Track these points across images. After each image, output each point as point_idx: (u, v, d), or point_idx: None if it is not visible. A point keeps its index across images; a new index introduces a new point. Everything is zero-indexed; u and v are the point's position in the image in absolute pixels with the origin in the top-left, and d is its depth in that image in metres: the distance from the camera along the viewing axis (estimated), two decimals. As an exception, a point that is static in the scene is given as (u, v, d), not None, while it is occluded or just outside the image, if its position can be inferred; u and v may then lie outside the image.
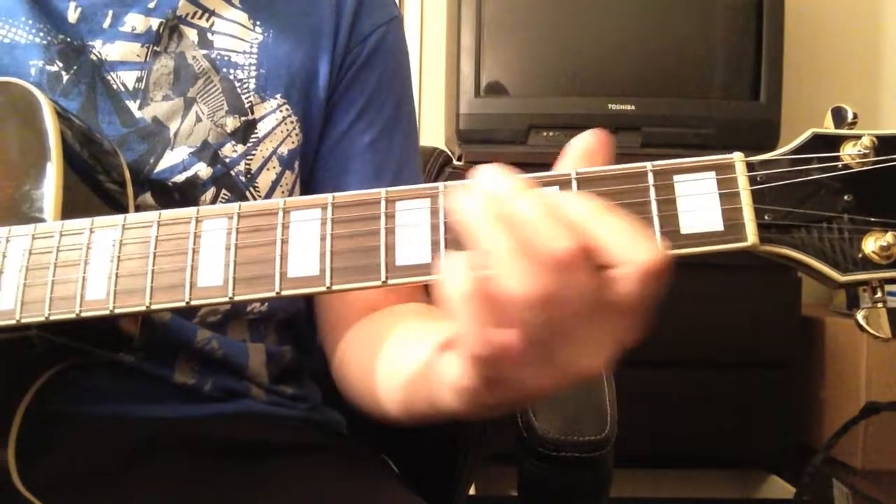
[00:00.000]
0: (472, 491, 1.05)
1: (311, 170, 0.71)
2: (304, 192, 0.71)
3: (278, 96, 0.68)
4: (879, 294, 0.37)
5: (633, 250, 0.34)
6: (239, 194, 0.66)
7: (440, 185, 0.39)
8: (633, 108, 1.84)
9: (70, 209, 0.51)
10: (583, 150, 0.38)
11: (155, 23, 0.64)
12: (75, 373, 0.54)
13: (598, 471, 0.65)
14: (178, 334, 0.64)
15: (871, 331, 0.37)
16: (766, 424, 1.82)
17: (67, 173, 0.52)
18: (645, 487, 2.03)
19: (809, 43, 2.16)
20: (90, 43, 0.63)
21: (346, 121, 0.71)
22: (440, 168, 0.91)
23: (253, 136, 0.67)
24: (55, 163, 0.51)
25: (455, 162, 0.94)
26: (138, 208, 0.62)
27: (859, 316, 0.37)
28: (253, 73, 0.67)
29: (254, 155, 0.66)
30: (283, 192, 0.68)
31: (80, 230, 0.44)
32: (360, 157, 0.70)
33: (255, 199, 0.67)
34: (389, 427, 0.78)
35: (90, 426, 0.61)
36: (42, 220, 0.49)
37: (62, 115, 0.54)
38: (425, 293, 0.68)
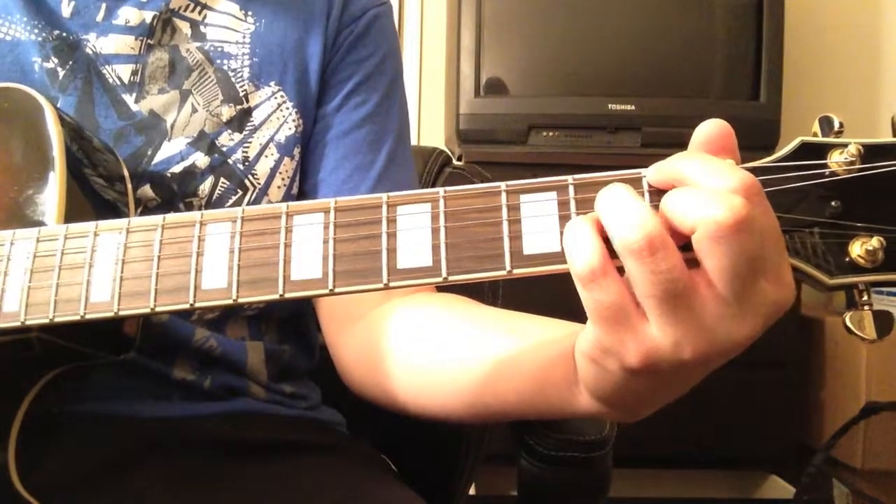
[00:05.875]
0: (472, 491, 1.05)
1: (307, 149, 0.71)
2: (301, 172, 0.71)
3: (272, 84, 0.68)
4: (866, 297, 0.38)
5: (701, 210, 0.34)
6: (237, 182, 0.66)
7: (440, 190, 0.40)
8: (633, 108, 1.85)
9: (73, 212, 0.51)
10: (704, 139, 0.38)
11: (148, 16, 0.65)
12: (74, 371, 0.54)
13: (597, 471, 0.65)
14: (175, 333, 0.64)
15: (857, 332, 0.38)
16: (766, 424, 1.82)
17: (70, 177, 0.52)
18: (645, 487, 2.03)
19: (809, 43, 2.17)
20: (84, 37, 0.64)
21: (339, 97, 0.71)
22: (440, 168, 0.91)
23: (249, 124, 0.67)
24: (58, 167, 0.52)
25: (455, 162, 0.94)
26: (137, 201, 0.62)
27: (846, 318, 0.38)
28: (246, 62, 0.68)
29: (250, 142, 0.67)
30: (282, 179, 0.69)
31: (85, 233, 0.44)
32: (354, 131, 0.71)
33: (254, 186, 0.67)
34: (389, 427, 0.78)
35: (89, 425, 0.61)
36: (45, 224, 0.49)
37: (64, 119, 0.54)
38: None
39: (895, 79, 2.26)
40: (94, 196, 0.54)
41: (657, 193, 0.38)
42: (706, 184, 0.35)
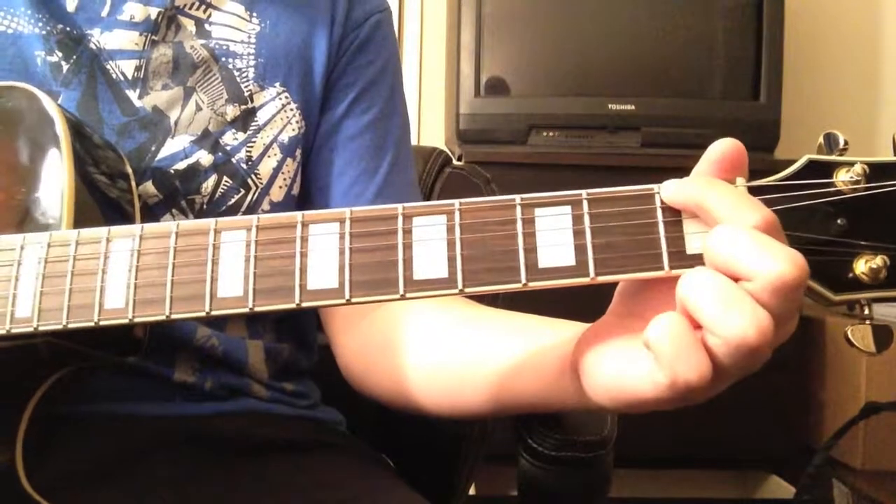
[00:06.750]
0: (472, 491, 1.05)
1: (311, 153, 0.72)
2: (304, 176, 0.72)
3: (277, 84, 0.69)
4: (867, 311, 0.40)
5: (762, 263, 0.35)
6: (240, 181, 0.66)
7: (455, 202, 0.40)
8: (633, 108, 1.85)
9: (81, 213, 0.51)
10: (717, 158, 0.39)
11: (153, 12, 0.65)
12: (79, 372, 0.54)
13: (597, 471, 0.65)
14: (177, 332, 0.64)
15: (858, 345, 0.40)
16: (766, 424, 1.82)
17: (77, 178, 0.52)
18: (645, 487, 2.03)
19: (809, 43, 2.17)
20: (88, 32, 0.64)
21: (344, 104, 0.72)
22: (440, 168, 0.91)
23: (253, 123, 0.67)
24: (66, 168, 0.52)
25: (455, 162, 0.94)
26: (138, 197, 0.62)
27: (848, 331, 0.40)
28: (252, 62, 0.68)
29: (254, 142, 0.67)
30: (284, 179, 0.69)
31: (97, 239, 0.44)
32: (359, 137, 0.72)
33: (256, 186, 0.67)
34: (389, 426, 0.78)
35: (92, 426, 0.61)
36: (53, 227, 0.49)
37: (68, 119, 0.54)
38: None
39: (895, 79, 2.26)
40: (98, 194, 0.54)
41: (669, 210, 0.39)
42: (730, 218, 0.37)
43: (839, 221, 0.39)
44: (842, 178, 0.39)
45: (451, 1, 2.01)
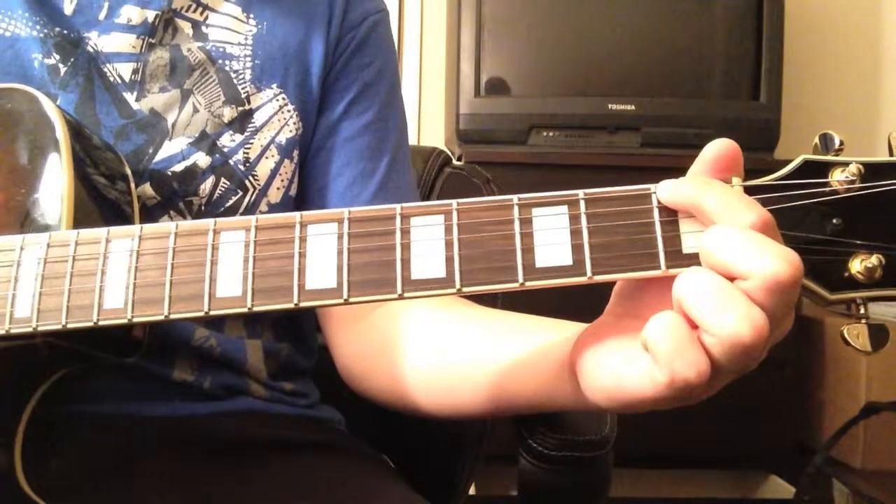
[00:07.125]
0: (472, 491, 1.05)
1: (308, 154, 0.72)
2: (301, 177, 0.72)
3: (274, 86, 0.69)
4: (863, 310, 0.40)
5: (758, 262, 0.35)
6: (238, 183, 0.66)
7: (453, 202, 0.40)
8: (633, 108, 1.85)
9: (80, 214, 0.51)
10: (712, 158, 0.40)
11: (151, 15, 0.65)
12: (78, 373, 0.54)
13: (597, 471, 0.65)
14: (175, 332, 0.64)
15: (854, 345, 0.40)
16: (765, 424, 1.82)
17: (76, 179, 0.52)
18: (645, 487, 2.03)
19: (809, 43, 2.17)
20: (86, 35, 0.64)
21: (342, 105, 0.72)
22: (440, 168, 0.91)
23: (250, 125, 0.67)
24: (65, 169, 0.52)
25: (455, 162, 0.94)
26: (138, 199, 0.62)
27: (844, 331, 0.40)
28: (248, 64, 0.68)
29: (252, 144, 0.67)
30: (282, 181, 0.69)
31: (96, 240, 0.44)
32: (357, 138, 0.72)
33: (254, 187, 0.67)
34: (389, 426, 0.78)
35: (91, 426, 0.61)
36: (53, 228, 0.50)
37: (67, 120, 0.54)
38: None
39: (895, 79, 2.26)
40: (97, 196, 0.54)
41: (665, 210, 0.39)
42: (726, 218, 0.37)
43: (834, 221, 0.39)
44: (837, 177, 0.39)
45: (451, 1, 2.01)
